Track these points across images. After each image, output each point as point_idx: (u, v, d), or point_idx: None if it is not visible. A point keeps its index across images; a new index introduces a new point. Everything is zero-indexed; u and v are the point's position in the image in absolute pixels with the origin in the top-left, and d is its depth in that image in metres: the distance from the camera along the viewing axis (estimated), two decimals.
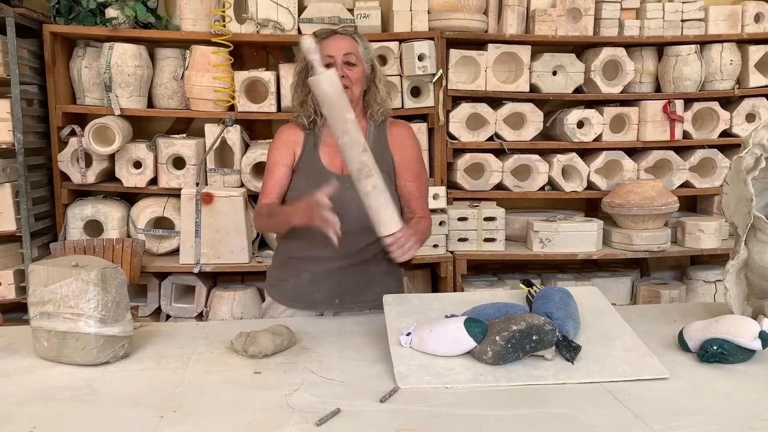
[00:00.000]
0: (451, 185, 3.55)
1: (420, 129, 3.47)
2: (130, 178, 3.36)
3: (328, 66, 1.85)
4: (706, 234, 3.48)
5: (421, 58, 3.32)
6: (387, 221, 1.70)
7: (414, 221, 1.96)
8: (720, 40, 3.59)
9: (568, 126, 3.54)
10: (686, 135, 3.65)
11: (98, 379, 1.49)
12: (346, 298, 1.99)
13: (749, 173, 1.66)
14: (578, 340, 1.59)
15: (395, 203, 1.80)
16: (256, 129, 3.65)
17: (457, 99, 3.52)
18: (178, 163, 3.39)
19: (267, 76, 3.35)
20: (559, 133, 3.63)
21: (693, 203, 4.00)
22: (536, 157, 3.56)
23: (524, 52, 3.50)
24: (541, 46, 3.60)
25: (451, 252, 3.41)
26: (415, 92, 3.50)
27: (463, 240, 3.42)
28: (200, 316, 3.29)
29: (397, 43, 3.40)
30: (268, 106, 3.36)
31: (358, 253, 1.95)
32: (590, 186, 3.63)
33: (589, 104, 3.66)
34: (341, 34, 1.95)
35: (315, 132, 2.01)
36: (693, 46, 3.57)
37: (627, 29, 3.58)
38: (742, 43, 3.65)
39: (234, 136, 3.37)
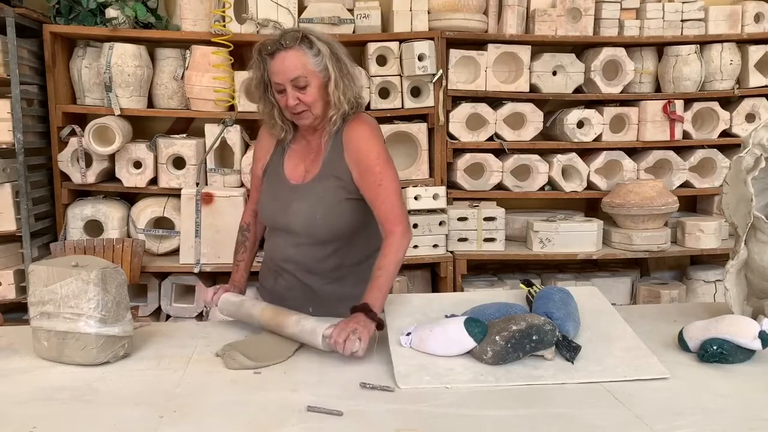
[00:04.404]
0: (451, 185, 3.55)
1: (420, 129, 3.48)
2: (130, 178, 3.36)
3: (281, 92, 1.81)
4: (706, 234, 3.48)
5: (421, 58, 3.32)
6: (314, 334, 1.60)
7: (369, 288, 1.71)
8: (720, 40, 3.59)
9: (568, 126, 3.54)
10: (686, 135, 3.65)
11: (98, 379, 1.49)
12: (319, 309, 1.86)
13: (749, 173, 1.66)
14: (578, 340, 1.59)
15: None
16: (256, 129, 3.57)
17: (457, 99, 3.52)
18: (178, 163, 3.39)
19: None
20: (559, 133, 3.63)
21: (693, 203, 4.00)
22: (536, 157, 3.56)
23: (524, 52, 3.49)
24: (541, 46, 3.60)
25: (451, 252, 3.41)
26: (415, 92, 3.50)
27: (463, 240, 3.42)
28: (200, 316, 3.29)
29: (397, 43, 3.39)
30: None
31: (320, 266, 1.89)
32: (590, 186, 3.63)
33: (589, 104, 3.66)
34: (285, 50, 1.78)
35: (287, 140, 1.95)
36: (693, 46, 3.57)
37: (627, 29, 3.58)
38: (742, 43, 3.65)
39: (234, 136, 3.37)
